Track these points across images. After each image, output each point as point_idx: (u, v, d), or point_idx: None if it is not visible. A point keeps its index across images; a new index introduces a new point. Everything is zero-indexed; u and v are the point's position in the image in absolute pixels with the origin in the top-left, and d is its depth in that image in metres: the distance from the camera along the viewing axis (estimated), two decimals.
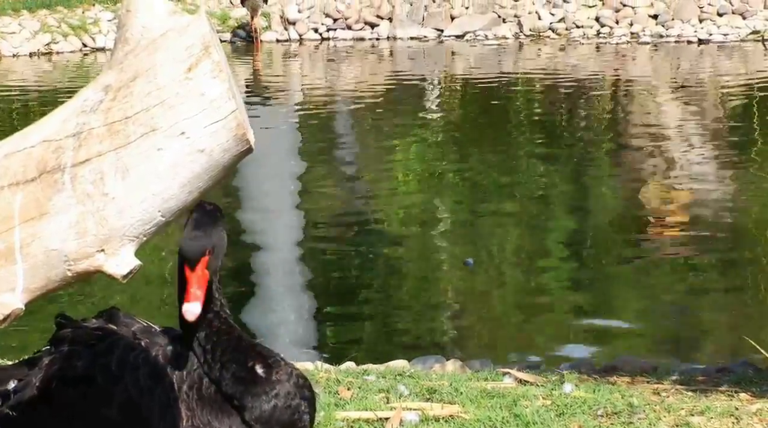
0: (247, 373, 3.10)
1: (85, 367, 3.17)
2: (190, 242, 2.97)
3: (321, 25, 21.13)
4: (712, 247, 8.89)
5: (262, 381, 3.11)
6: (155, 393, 3.11)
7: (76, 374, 3.18)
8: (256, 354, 3.14)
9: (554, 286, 8.30)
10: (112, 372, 3.14)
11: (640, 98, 15.78)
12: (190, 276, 2.97)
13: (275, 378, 3.12)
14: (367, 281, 8.41)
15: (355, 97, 16.19)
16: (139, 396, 3.11)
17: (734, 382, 5.35)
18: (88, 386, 3.16)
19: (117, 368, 3.15)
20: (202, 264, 2.98)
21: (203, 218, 3.00)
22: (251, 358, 3.13)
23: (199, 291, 2.98)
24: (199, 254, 2.97)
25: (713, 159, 11.66)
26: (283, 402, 3.11)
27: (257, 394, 3.10)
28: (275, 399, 3.11)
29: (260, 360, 3.14)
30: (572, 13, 20.53)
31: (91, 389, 3.15)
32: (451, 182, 11.41)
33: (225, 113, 2.54)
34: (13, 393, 3.26)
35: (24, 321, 2.94)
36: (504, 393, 4.99)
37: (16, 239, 2.53)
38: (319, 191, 11.18)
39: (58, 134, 2.55)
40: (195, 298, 2.97)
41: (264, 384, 3.11)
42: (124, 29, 2.59)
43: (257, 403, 3.10)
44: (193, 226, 2.99)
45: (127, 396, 3.12)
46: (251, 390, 3.10)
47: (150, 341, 3.23)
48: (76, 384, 3.17)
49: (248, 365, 3.12)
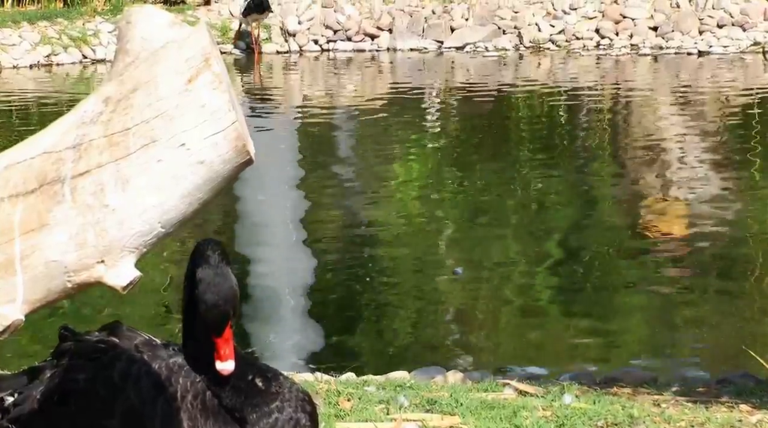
0: (246, 385, 3.10)
1: (87, 380, 3.17)
2: (214, 311, 2.92)
3: (321, 37, 21.14)
4: (713, 259, 8.89)
5: (262, 392, 3.11)
6: (158, 403, 3.11)
7: (77, 387, 3.17)
8: (257, 369, 3.15)
9: (554, 298, 8.30)
10: (115, 384, 3.14)
11: (640, 110, 15.79)
12: (218, 340, 2.96)
13: (275, 390, 3.12)
14: (366, 291, 8.41)
15: (355, 108, 16.20)
16: (141, 406, 3.11)
17: (735, 393, 5.35)
18: (89, 399, 3.15)
19: (119, 379, 3.15)
20: (228, 328, 2.96)
21: (217, 279, 2.92)
22: (251, 372, 3.13)
23: (228, 350, 2.97)
24: (225, 324, 2.95)
25: (714, 172, 11.66)
26: (285, 415, 3.11)
27: (257, 405, 3.10)
28: (277, 412, 3.10)
29: (260, 374, 3.14)
30: (572, 25, 20.54)
31: (93, 402, 3.15)
32: (451, 193, 11.41)
33: (225, 124, 2.54)
34: (12, 406, 3.25)
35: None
36: (504, 404, 4.99)
37: (17, 251, 2.53)
38: (318, 203, 11.18)
39: (58, 145, 2.56)
40: (227, 357, 2.97)
41: (264, 395, 3.11)
42: (125, 41, 2.59)
43: (258, 415, 3.09)
44: (211, 290, 2.91)
45: (129, 405, 3.12)
46: (251, 401, 3.09)
47: (152, 354, 3.22)
48: (78, 398, 3.16)
49: (248, 378, 3.12)
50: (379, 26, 21.10)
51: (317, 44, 21.12)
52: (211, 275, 2.91)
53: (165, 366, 3.17)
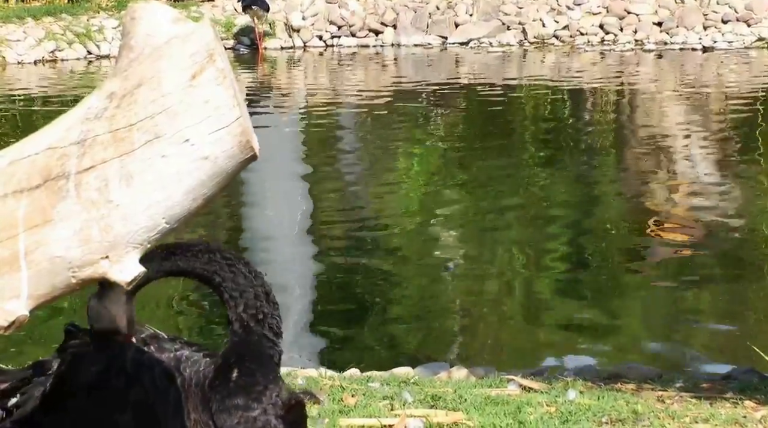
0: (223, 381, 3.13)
1: (99, 372, 3.16)
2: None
3: (325, 32, 21.15)
4: (718, 255, 8.88)
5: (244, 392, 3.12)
6: (170, 392, 3.12)
7: (89, 380, 3.16)
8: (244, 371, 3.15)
9: (558, 293, 8.30)
10: (128, 373, 3.14)
11: (645, 106, 15.78)
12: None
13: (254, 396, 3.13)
14: (371, 288, 8.41)
15: (359, 104, 16.20)
16: (154, 394, 3.12)
17: (739, 389, 5.35)
18: (101, 392, 3.15)
19: (132, 369, 3.15)
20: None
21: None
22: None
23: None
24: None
25: (719, 167, 11.66)
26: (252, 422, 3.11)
27: (229, 409, 3.11)
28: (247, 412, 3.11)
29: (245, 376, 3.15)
30: (576, 21, 20.53)
31: (106, 394, 3.14)
32: (456, 189, 11.41)
33: (229, 120, 2.54)
34: (15, 408, 3.23)
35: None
36: (508, 400, 4.99)
37: (21, 247, 2.53)
38: (322, 199, 11.18)
39: (62, 141, 2.56)
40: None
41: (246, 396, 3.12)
42: (129, 37, 2.59)
43: (225, 416, 3.10)
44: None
45: (143, 394, 3.12)
46: (226, 402, 3.11)
47: (159, 346, 3.24)
48: (89, 390, 3.16)
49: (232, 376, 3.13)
50: (383, 22, 21.10)
51: (321, 40, 21.12)
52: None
53: (173, 357, 3.18)
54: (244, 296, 3.14)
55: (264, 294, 3.16)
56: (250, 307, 3.14)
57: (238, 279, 3.14)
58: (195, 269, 3.15)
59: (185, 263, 3.14)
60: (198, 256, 3.13)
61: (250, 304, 3.14)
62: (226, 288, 3.13)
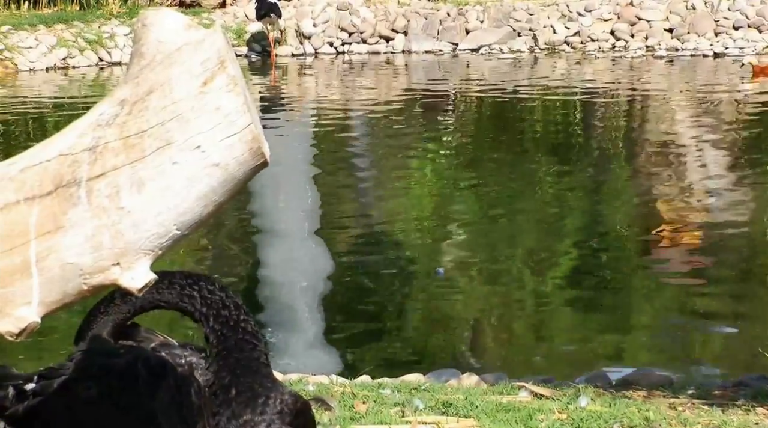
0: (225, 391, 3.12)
1: (128, 362, 3.12)
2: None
3: (336, 39, 21.16)
4: (729, 261, 8.87)
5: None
6: (191, 394, 3.10)
7: (119, 367, 3.12)
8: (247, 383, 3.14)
9: (569, 299, 8.29)
10: (155, 369, 3.12)
11: (656, 112, 15.76)
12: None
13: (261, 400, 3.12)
14: (381, 294, 8.41)
15: (370, 110, 16.20)
16: (178, 395, 3.11)
17: (751, 396, 5.34)
18: (132, 379, 3.10)
19: (158, 366, 3.13)
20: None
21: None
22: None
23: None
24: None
25: (730, 175, 11.64)
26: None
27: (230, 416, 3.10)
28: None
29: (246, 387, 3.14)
30: (587, 27, 20.52)
31: (136, 382, 3.10)
32: (467, 197, 11.41)
33: (240, 126, 2.54)
34: (32, 394, 3.18)
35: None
36: (519, 407, 4.98)
37: (32, 253, 2.54)
38: (333, 206, 11.19)
39: (74, 148, 2.56)
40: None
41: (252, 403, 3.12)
42: (140, 44, 2.59)
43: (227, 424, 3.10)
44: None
45: (171, 392, 3.09)
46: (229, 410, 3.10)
47: (170, 353, 3.23)
48: (121, 376, 3.11)
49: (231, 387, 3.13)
50: (394, 29, 21.10)
51: (332, 47, 21.13)
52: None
53: (186, 363, 3.18)
54: (212, 309, 3.14)
55: (233, 304, 3.15)
56: (221, 317, 3.14)
57: (204, 294, 3.14)
58: (161, 301, 3.16)
59: (151, 298, 3.17)
60: (159, 286, 3.13)
61: (222, 314, 3.14)
62: (195, 308, 3.14)
